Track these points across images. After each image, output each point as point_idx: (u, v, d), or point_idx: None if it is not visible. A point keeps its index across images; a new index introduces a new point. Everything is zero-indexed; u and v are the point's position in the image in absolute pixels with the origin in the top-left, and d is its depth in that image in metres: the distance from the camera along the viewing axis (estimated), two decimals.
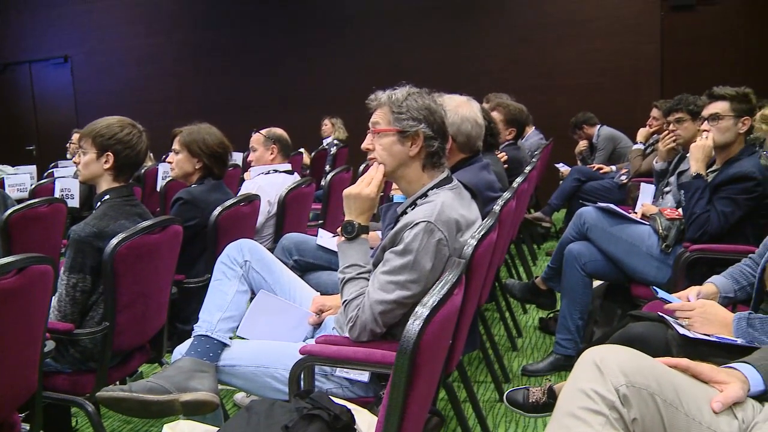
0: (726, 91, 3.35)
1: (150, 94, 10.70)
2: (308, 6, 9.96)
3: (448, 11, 9.34)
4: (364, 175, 2.21)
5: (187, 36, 10.58)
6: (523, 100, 6.00)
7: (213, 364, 2.32)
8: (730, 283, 2.51)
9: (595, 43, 8.79)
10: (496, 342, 3.80)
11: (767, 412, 1.54)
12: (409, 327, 1.37)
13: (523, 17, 9.08)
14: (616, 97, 8.55)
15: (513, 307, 4.45)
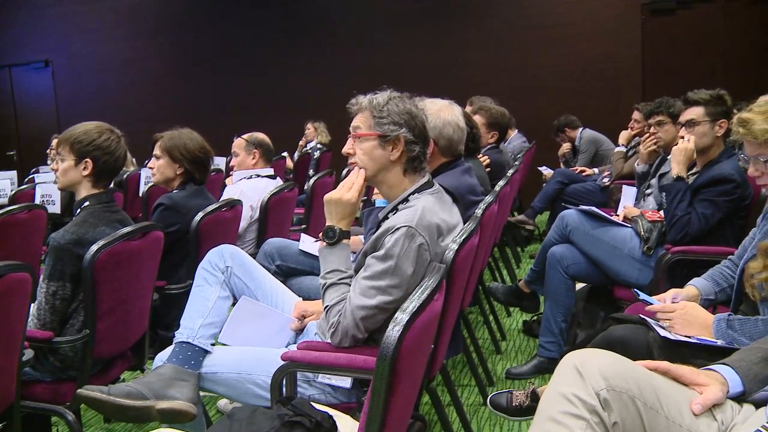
0: (700, 96, 3.36)
1: (132, 98, 10.65)
2: (291, 10, 9.95)
3: (431, 15, 9.36)
4: (345, 180, 2.20)
5: (170, 40, 10.54)
6: (506, 103, 6.01)
7: (194, 372, 2.30)
8: (711, 285, 2.52)
9: (577, 46, 8.85)
10: (480, 345, 3.80)
11: (746, 413, 1.55)
12: (388, 333, 1.36)
13: (505, 21, 9.13)
14: (598, 100, 8.61)
15: (497, 310, 4.45)
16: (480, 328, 4.32)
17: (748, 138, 2.18)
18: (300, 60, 9.85)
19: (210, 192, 3.76)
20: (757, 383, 1.60)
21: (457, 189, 2.56)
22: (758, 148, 2.17)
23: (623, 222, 3.66)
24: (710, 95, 3.34)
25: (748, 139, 2.19)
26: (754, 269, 2.20)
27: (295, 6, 9.95)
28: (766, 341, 1.73)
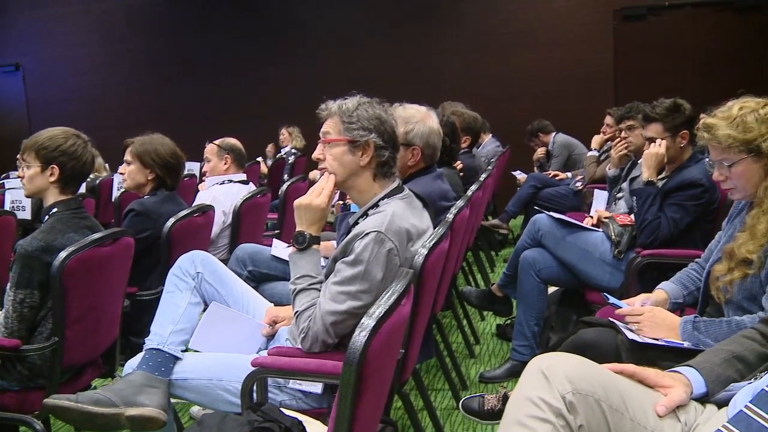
0: (657, 111, 3.39)
1: (105, 103, 10.55)
2: (266, 15, 9.92)
3: (405, 21, 9.39)
4: (315, 186, 2.21)
5: (143, 44, 10.46)
6: (481, 108, 6.05)
7: (164, 379, 2.29)
8: (679, 289, 2.55)
9: (551, 52, 8.93)
10: (454, 350, 3.81)
11: (708, 413, 1.57)
12: (354, 338, 1.37)
13: (479, 27, 9.18)
14: (571, 104, 8.68)
15: (470, 314, 4.47)
16: (454, 332, 4.33)
17: (713, 143, 2.21)
18: (275, 65, 9.83)
19: (183, 197, 3.75)
20: (720, 384, 1.62)
21: (429, 194, 2.57)
22: (722, 153, 2.20)
23: (595, 226, 3.69)
24: (666, 109, 3.37)
25: (712, 144, 2.22)
26: (719, 272, 2.24)
27: (270, 11, 9.93)
28: (729, 343, 1.75)
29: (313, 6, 9.79)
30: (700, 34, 8.53)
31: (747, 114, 2.15)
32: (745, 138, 2.14)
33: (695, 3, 8.58)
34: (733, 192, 2.28)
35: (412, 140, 2.92)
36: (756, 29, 8.47)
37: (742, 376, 1.65)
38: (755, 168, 2.17)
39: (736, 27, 8.52)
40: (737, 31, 8.51)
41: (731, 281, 2.18)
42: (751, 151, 2.15)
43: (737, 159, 2.18)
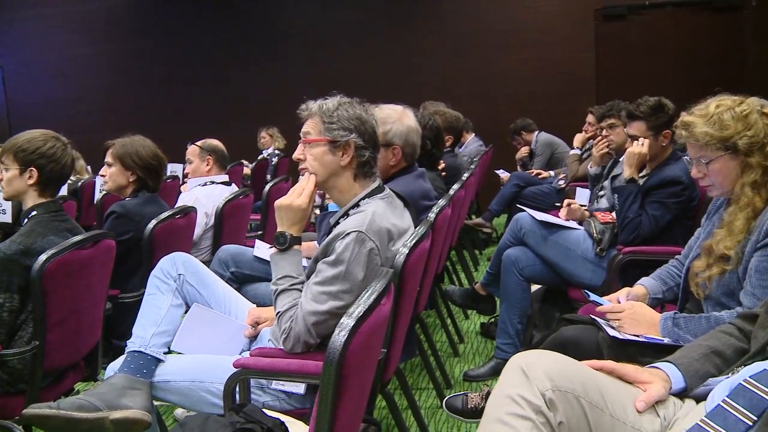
0: (641, 110, 3.40)
1: (87, 104, 10.46)
2: (247, 17, 9.89)
3: (387, 22, 9.40)
4: (296, 186, 2.21)
5: (124, 47, 10.38)
6: (463, 107, 6.06)
7: (147, 381, 2.28)
8: (659, 285, 2.57)
9: (532, 51, 8.97)
10: (438, 348, 3.82)
11: (687, 408, 1.59)
12: (334, 338, 1.37)
13: (461, 27, 9.20)
14: (553, 103, 8.72)
15: (455, 313, 4.48)
16: (438, 331, 4.34)
17: (691, 141, 2.23)
18: (256, 67, 9.79)
19: (166, 199, 3.73)
20: (698, 379, 1.64)
21: (410, 194, 2.57)
22: (700, 150, 2.22)
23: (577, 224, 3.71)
24: (651, 108, 3.39)
25: (690, 141, 2.24)
26: (698, 268, 2.27)
27: (250, 13, 9.89)
28: (707, 338, 1.77)
29: (294, 8, 9.77)
30: (681, 33, 8.61)
31: (723, 112, 2.18)
32: (722, 135, 2.16)
33: (675, 3, 8.65)
34: (711, 189, 2.30)
35: (392, 140, 2.93)
36: (735, 29, 8.56)
37: (719, 371, 1.66)
38: (732, 165, 2.19)
39: (715, 26, 8.60)
40: (716, 30, 8.59)
41: (710, 277, 2.21)
42: (728, 148, 2.17)
43: (714, 156, 2.20)
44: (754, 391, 1.42)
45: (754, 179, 2.16)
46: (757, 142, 2.15)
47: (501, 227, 6.99)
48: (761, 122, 2.16)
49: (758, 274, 2.07)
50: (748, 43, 8.54)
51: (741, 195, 2.17)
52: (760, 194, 2.15)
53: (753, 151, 2.15)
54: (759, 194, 2.15)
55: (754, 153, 2.16)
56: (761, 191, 2.15)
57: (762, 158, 2.16)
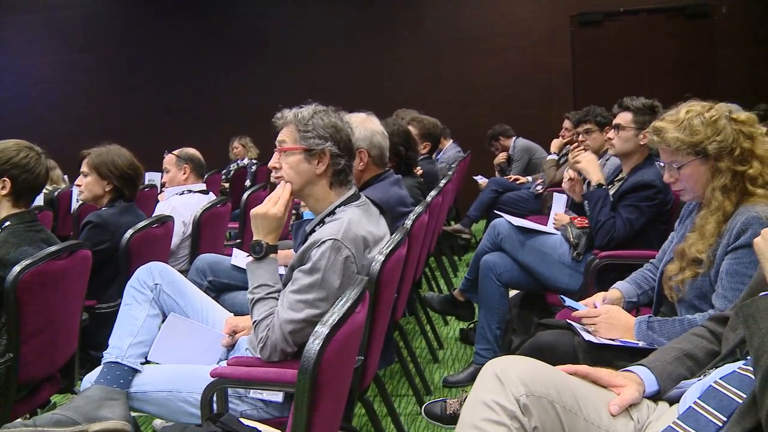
0: (632, 103, 3.47)
1: (64, 113, 10.37)
2: (225, 24, 9.87)
3: (363, 28, 9.42)
4: (271, 194, 2.21)
5: (101, 55, 10.31)
6: (441, 114, 6.09)
7: (123, 392, 2.27)
8: (633, 288, 2.60)
9: (510, 57, 9.03)
10: (418, 355, 3.82)
11: (660, 410, 1.61)
12: (308, 347, 1.37)
13: (439, 34, 9.24)
14: (531, 109, 8.78)
15: (434, 319, 4.48)
16: (417, 338, 4.34)
17: (662, 146, 2.26)
18: (234, 75, 9.77)
19: (144, 208, 3.71)
20: (671, 381, 1.65)
21: (386, 200, 2.58)
22: (671, 156, 2.26)
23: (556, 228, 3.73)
24: (642, 104, 3.44)
25: (662, 147, 2.27)
26: (671, 272, 2.29)
27: (228, 21, 9.88)
28: (680, 341, 1.79)
29: (271, 15, 9.76)
30: (655, 38, 8.74)
31: (693, 117, 2.21)
32: (692, 141, 2.19)
33: (649, 9, 8.77)
34: (683, 193, 2.33)
35: (356, 143, 2.94)
36: (706, 35, 8.70)
37: (692, 373, 1.68)
38: (703, 170, 2.23)
39: (688, 32, 8.74)
40: (689, 36, 8.74)
41: (683, 280, 2.23)
42: (698, 153, 2.20)
43: (685, 161, 2.23)
44: (723, 392, 1.44)
45: (724, 183, 2.19)
46: (726, 147, 2.18)
47: (480, 233, 7.01)
48: (729, 127, 2.20)
49: (729, 276, 2.10)
50: (719, 49, 8.71)
51: (711, 199, 2.21)
52: (729, 198, 2.18)
53: (722, 156, 2.19)
54: (729, 198, 2.18)
55: (724, 158, 2.19)
56: (731, 195, 2.19)
57: (731, 163, 2.19)
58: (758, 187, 2.17)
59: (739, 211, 2.16)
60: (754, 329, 1.28)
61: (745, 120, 2.23)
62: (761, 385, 1.23)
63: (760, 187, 2.17)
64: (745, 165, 2.19)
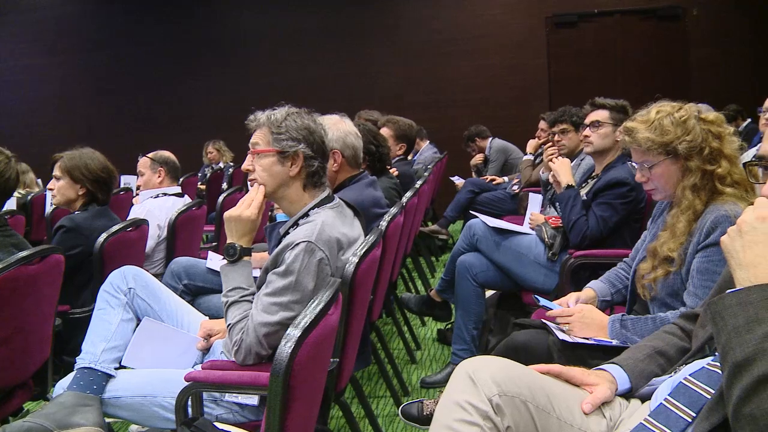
0: (606, 101, 3.54)
1: (37, 116, 10.27)
2: (199, 27, 9.83)
3: (339, 30, 9.42)
4: (245, 197, 2.20)
5: (74, 57, 10.23)
6: (418, 115, 6.11)
7: (97, 397, 2.25)
8: (607, 287, 2.62)
9: (486, 59, 9.08)
10: (395, 356, 3.82)
11: (632, 408, 1.62)
12: (280, 350, 1.37)
13: (414, 35, 9.27)
14: (507, 109, 8.84)
15: (411, 320, 4.49)
16: (395, 339, 4.35)
17: (634, 146, 2.29)
18: (209, 77, 9.74)
19: (120, 211, 3.68)
20: (643, 379, 1.67)
21: (361, 202, 2.58)
22: (643, 155, 2.28)
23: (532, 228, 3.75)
24: (615, 103, 3.52)
25: (634, 146, 2.30)
26: (644, 270, 2.31)
27: (203, 23, 9.84)
28: (652, 339, 1.80)
29: (245, 17, 9.74)
30: (628, 40, 8.86)
31: (663, 117, 2.24)
32: (663, 140, 2.22)
33: (623, 11, 8.88)
34: (654, 193, 2.36)
35: (329, 144, 2.94)
36: (679, 36, 8.84)
37: (663, 371, 1.70)
38: (673, 169, 2.26)
39: (660, 34, 8.87)
40: (662, 37, 8.87)
41: (655, 279, 2.26)
42: (669, 153, 2.23)
43: (656, 161, 2.26)
44: (693, 388, 1.45)
45: (694, 182, 2.22)
46: (696, 146, 2.22)
47: (457, 234, 7.00)
48: (698, 127, 2.24)
49: (700, 274, 2.12)
50: (690, 50, 8.85)
51: (682, 198, 2.24)
52: (699, 197, 2.21)
53: (692, 155, 2.22)
54: (699, 197, 2.21)
55: (694, 157, 2.22)
56: (701, 194, 2.22)
57: (701, 162, 2.22)
58: (727, 185, 2.21)
59: (708, 209, 2.19)
60: (720, 326, 1.29)
61: (713, 120, 2.27)
62: (728, 381, 1.25)
63: (729, 186, 2.21)
64: (714, 164, 2.22)
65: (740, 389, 1.21)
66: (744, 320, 1.25)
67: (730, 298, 1.29)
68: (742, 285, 1.30)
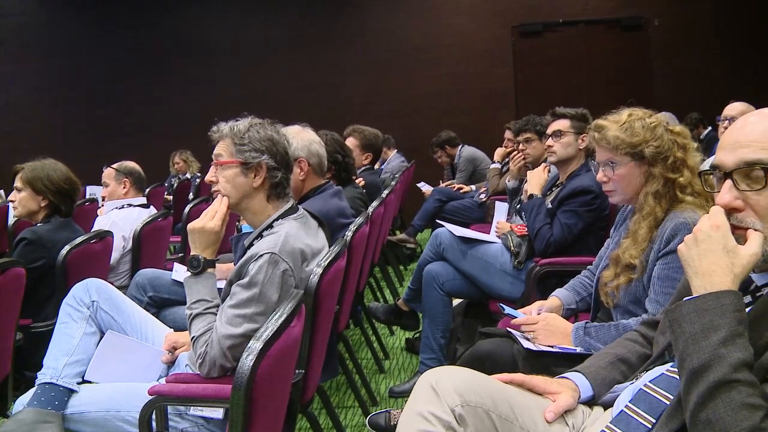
0: (567, 110, 3.58)
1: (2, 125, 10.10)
2: (165, 35, 9.75)
3: (305, 40, 9.41)
4: (208, 209, 2.19)
5: (41, 64, 10.06)
6: (385, 124, 6.13)
7: (59, 413, 2.21)
8: (572, 295, 2.65)
9: (453, 67, 9.14)
10: (364, 366, 3.81)
11: (595, 415, 1.63)
12: (242, 362, 1.36)
13: (381, 44, 9.30)
14: (474, 118, 8.89)
15: (380, 329, 4.49)
16: (363, 349, 4.34)
17: (602, 143, 2.32)
18: (175, 86, 9.65)
19: (85, 223, 3.63)
20: (605, 386, 1.69)
21: (326, 212, 2.58)
22: (608, 153, 2.32)
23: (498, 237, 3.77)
24: (576, 111, 3.55)
25: (601, 143, 2.33)
26: (606, 278, 2.34)
27: (168, 32, 9.76)
28: (614, 346, 1.82)
29: (213, 26, 9.69)
30: (593, 49, 9.01)
31: (635, 120, 2.30)
32: (632, 141, 2.27)
33: (587, 21, 9.02)
34: (613, 194, 2.40)
35: (295, 153, 2.95)
36: (642, 46, 9.03)
37: (625, 377, 1.71)
38: (637, 173, 2.30)
39: (624, 43, 9.05)
40: (625, 47, 9.05)
41: (618, 286, 2.29)
42: (635, 155, 2.28)
43: (621, 161, 2.30)
44: (652, 395, 1.47)
45: (657, 189, 2.26)
46: (661, 153, 2.26)
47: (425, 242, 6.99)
48: (666, 136, 2.29)
49: (660, 281, 2.16)
50: (652, 59, 9.05)
51: (644, 204, 2.27)
52: (660, 204, 2.25)
53: (657, 162, 2.27)
54: (660, 204, 2.25)
55: (658, 163, 2.27)
56: (662, 201, 2.26)
57: (664, 170, 2.27)
58: (687, 195, 2.25)
59: (668, 217, 2.23)
60: (678, 333, 1.31)
61: (680, 132, 2.33)
62: (685, 387, 1.27)
63: (689, 195, 2.25)
64: (676, 173, 2.27)
65: (697, 395, 1.24)
66: (700, 327, 1.28)
67: (687, 305, 1.32)
68: (698, 293, 1.33)
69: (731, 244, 1.34)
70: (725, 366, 1.22)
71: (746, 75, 8.62)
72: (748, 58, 8.79)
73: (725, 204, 1.39)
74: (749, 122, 1.43)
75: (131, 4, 9.81)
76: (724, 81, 8.56)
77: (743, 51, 8.83)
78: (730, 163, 1.39)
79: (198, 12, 9.74)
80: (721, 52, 8.90)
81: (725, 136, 1.46)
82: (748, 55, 8.80)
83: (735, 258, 1.33)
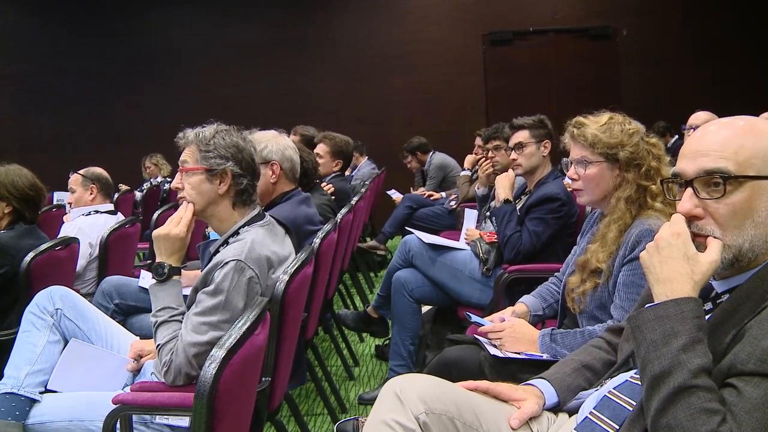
0: (524, 121, 3.60)
1: None
2: (135, 40, 9.66)
3: (277, 46, 9.39)
4: (173, 215, 2.18)
5: (6, 70, 9.91)
6: (356, 131, 6.12)
7: (20, 424, 2.18)
8: (539, 302, 2.66)
9: (423, 75, 9.17)
10: (333, 373, 3.80)
11: (560, 422, 1.64)
12: (204, 370, 1.35)
13: (352, 51, 9.31)
14: (445, 125, 8.92)
15: (350, 336, 4.48)
16: (333, 356, 4.33)
17: (580, 139, 2.35)
18: (145, 92, 9.56)
19: (52, 229, 3.58)
20: (570, 393, 1.70)
21: (294, 219, 2.57)
22: (584, 150, 2.34)
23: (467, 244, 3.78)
24: (533, 120, 3.58)
25: (579, 139, 2.35)
26: (573, 284, 2.36)
27: (138, 36, 9.68)
28: (579, 353, 1.84)
29: (184, 31, 9.63)
30: (562, 58, 9.12)
31: (615, 124, 2.34)
32: (608, 142, 2.30)
33: (557, 30, 9.11)
34: (580, 194, 2.42)
35: (268, 156, 2.97)
36: (610, 55, 9.16)
37: (590, 384, 1.73)
38: (608, 176, 2.33)
39: (593, 52, 9.16)
40: (594, 55, 9.16)
41: (584, 292, 2.30)
42: (609, 157, 2.31)
43: (595, 160, 2.32)
44: (616, 401, 1.48)
45: (629, 194, 2.30)
46: (635, 159, 2.30)
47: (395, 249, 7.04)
48: (642, 145, 2.33)
49: (626, 287, 2.18)
50: (621, 68, 9.18)
51: (615, 208, 2.30)
52: (630, 210, 2.28)
53: (631, 167, 2.30)
54: (630, 210, 2.28)
55: (631, 169, 2.30)
56: (632, 207, 2.29)
57: (637, 176, 2.30)
58: (657, 202, 2.28)
59: (634, 223, 2.26)
60: (640, 340, 1.33)
61: (655, 143, 2.37)
62: (646, 393, 1.28)
63: (660, 203, 2.27)
64: (649, 181, 2.30)
65: (657, 401, 1.25)
66: (661, 334, 1.29)
67: (648, 312, 1.33)
68: (659, 299, 1.34)
69: (691, 251, 1.35)
70: (685, 372, 1.24)
71: (713, 84, 8.76)
72: (715, 68, 8.94)
73: (686, 212, 1.41)
74: (709, 131, 1.45)
75: (101, 10, 9.71)
76: (691, 90, 8.69)
77: (710, 61, 8.99)
78: (691, 171, 1.41)
79: (169, 18, 9.69)
80: (689, 61, 9.05)
81: (686, 144, 1.48)
82: (715, 65, 8.95)
83: (695, 265, 1.34)
